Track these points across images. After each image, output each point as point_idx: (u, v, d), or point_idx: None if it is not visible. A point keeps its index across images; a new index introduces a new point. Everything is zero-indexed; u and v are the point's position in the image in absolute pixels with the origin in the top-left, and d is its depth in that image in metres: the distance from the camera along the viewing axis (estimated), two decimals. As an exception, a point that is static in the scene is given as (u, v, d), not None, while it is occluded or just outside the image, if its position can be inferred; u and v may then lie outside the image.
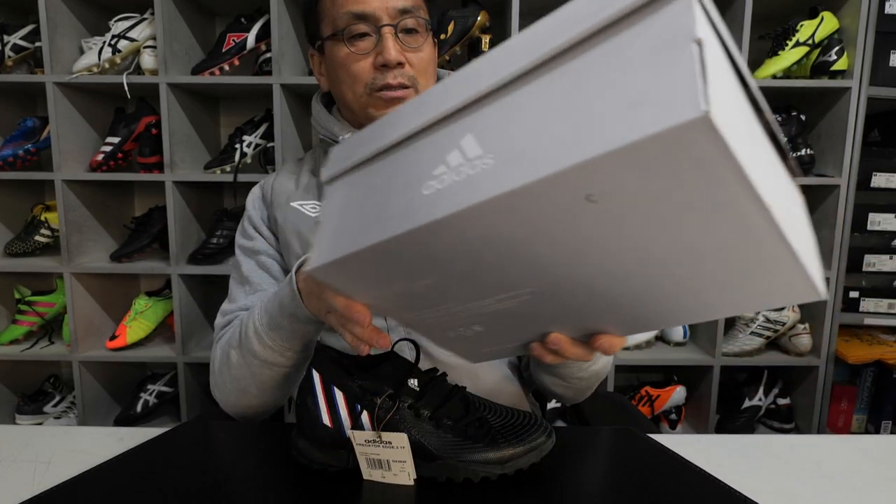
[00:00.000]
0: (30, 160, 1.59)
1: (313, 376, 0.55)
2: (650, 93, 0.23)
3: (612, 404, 0.95)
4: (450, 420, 0.53)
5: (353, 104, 0.77)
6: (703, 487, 0.53)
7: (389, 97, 0.74)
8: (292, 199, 0.82)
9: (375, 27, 0.72)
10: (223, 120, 1.83)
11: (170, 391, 1.72)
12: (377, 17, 0.72)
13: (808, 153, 1.56)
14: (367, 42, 0.73)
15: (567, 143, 0.25)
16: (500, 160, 0.28)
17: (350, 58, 0.74)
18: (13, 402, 1.76)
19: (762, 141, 0.29)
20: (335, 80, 0.78)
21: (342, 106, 0.81)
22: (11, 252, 1.65)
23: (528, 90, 0.29)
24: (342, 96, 0.78)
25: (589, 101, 0.25)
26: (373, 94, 0.74)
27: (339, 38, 0.74)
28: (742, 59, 0.28)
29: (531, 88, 0.29)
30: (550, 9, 0.30)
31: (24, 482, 0.56)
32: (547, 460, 0.54)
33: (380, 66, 0.73)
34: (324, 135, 0.83)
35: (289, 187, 0.84)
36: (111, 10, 1.62)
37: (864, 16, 1.48)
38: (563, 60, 0.28)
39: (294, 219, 0.80)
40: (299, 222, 0.79)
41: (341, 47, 0.74)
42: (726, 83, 0.24)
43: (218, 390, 0.74)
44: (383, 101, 0.75)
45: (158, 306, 1.68)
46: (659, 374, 1.86)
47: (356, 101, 0.76)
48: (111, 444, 0.62)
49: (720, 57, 0.25)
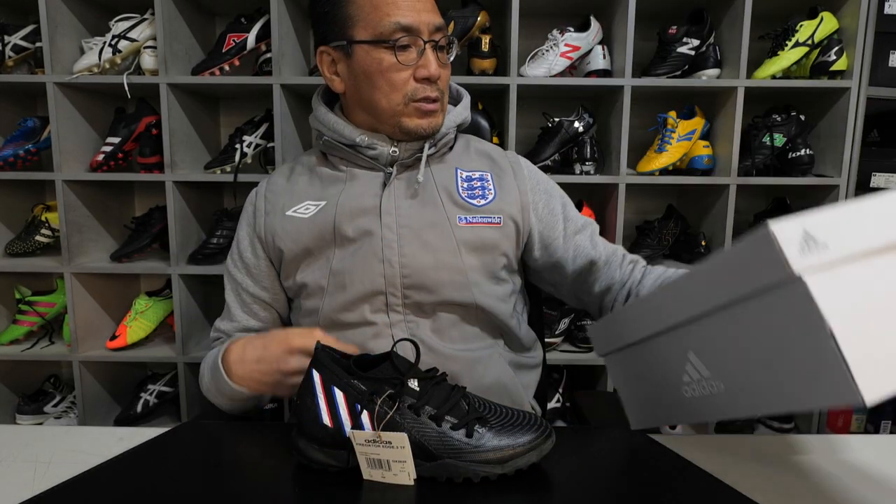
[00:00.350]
0: (30, 160, 1.59)
1: (313, 376, 0.55)
2: (819, 375, 0.39)
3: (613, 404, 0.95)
4: (450, 420, 0.53)
5: (386, 112, 0.78)
6: (703, 487, 0.53)
7: (426, 109, 0.78)
8: (287, 208, 0.83)
9: (419, 41, 0.75)
10: (223, 120, 1.83)
11: (170, 391, 1.72)
12: (421, 31, 0.75)
13: (808, 153, 1.57)
14: (411, 54, 0.76)
15: (776, 394, 0.44)
16: (729, 390, 0.48)
17: (394, 67, 0.75)
18: (13, 402, 1.76)
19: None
20: (366, 85, 0.78)
21: (366, 110, 0.81)
22: (12, 252, 1.66)
23: (715, 322, 0.47)
24: (373, 102, 0.78)
25: (767, 350, 0.43)
26: (409, 105, 0.77)
27: (384, 46, 0.75)
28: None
29: (717, 321, 0.47)
30: (550, 9, 0.31)
31: (24, 482, 0.56)
32: (547, 460, 0.54)
33: (421, 78, 0.76)
34: (329, 136, 0.82)
35: (283, 197, 0.84)
36: (111, 11, 1.62)
37: (864, 16, 1.48)
38: (730, 307, 0.45)
39: (290, 227, 0.81)
40: (294, 229, 0.81)
41: (385, 55, 0.75)
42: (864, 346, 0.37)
43: (206, 395, 0.82)
44: (419, 113, 0.78)
45: (158, 306, 1.68)
46: (659, 374, 1.86)
47: (390, 109, 0.78)
48: (111, 444, 0.62)
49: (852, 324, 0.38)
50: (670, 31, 1.53)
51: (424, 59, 0.76)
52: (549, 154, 1.58)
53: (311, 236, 0.79)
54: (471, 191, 0.82)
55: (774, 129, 1.57)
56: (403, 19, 0.74)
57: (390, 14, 0.74)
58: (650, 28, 1.63)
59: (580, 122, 1.59)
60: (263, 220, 0.84)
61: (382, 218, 0.78)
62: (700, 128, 1.59)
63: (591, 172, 1.57)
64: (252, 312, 0.87)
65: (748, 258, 0.41)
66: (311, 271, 0.80)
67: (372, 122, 0.81)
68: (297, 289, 0.83)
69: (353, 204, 0.79)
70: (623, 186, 1.52)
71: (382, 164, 0.82)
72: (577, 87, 1.54)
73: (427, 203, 0.80)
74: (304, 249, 0.80)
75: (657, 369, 0.58)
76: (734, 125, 1.51)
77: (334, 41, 0.78)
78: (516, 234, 0.82)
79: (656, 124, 1.60)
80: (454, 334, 0.79)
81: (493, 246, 0.80)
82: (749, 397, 0.47)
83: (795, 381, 0.41)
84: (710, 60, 1.55)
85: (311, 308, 0.81)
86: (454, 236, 0.78)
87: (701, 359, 0.51)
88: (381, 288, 0.77)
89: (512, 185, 0.84)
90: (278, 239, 0.81)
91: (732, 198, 1.53)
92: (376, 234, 0.77)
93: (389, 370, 0.54)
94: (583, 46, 1.54)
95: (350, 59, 0.78)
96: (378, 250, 0.77)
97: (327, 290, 0.79)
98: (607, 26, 1.58)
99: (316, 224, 0.79)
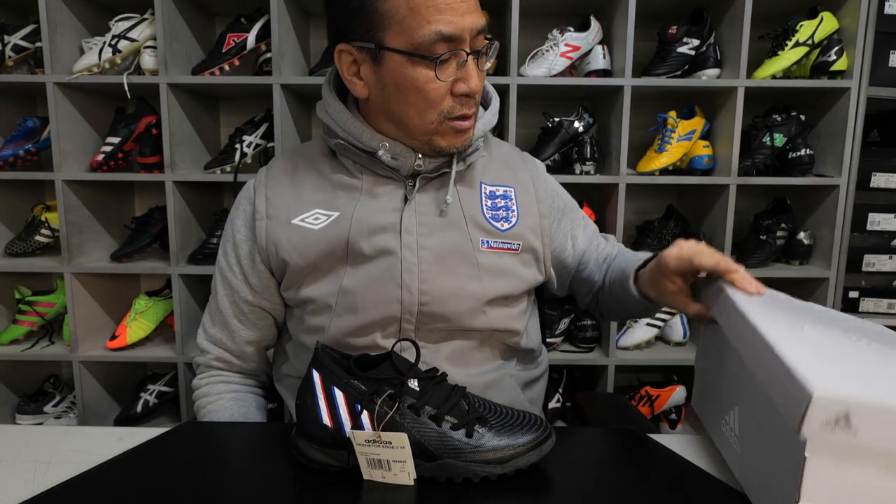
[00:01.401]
0: (30, 160, 1.59)
1: (313, 376, 0.55)
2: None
3: (612, 404, 0.95)
4: (450, 420, 0.53)
5: (417, 129, 0.71)
6: (703, 487, 0.53)
7: (461, 128, 0.71)
8: (293, 215, 0.75)
9: (461, 52, 0.67)
10: (223, 120, 1.83)
11: (170, 391, 1.72)
12: (463, 39, 0.66)
13: (808, 153, 1.56)
14: (451, 67, 0.67)
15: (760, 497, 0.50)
16: (742, 458, 0.54)
17: (431, 82, 0.67)
18: (13, 402, 1.76)
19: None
20: (396, 97, 0.70)
21: (393, 122, 0.73)
22: (12, 252, 1.65)
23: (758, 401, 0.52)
24: (404, 117, 0.71)
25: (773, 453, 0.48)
26: (444, 123, 0.70)
27: (422, 60, 0.66)
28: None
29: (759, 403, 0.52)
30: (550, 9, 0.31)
31: (24, 482, 0.56)
32: (547, 460, 0.54)
33: (460, 94, 0.69)
34: (344, 138, 0.75)
35: (286, 198, 0.77)
36: (111, 11, 1.62)
37: (864, 16, 1.48)
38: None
39: (296, 238, 0.74)
40: (301, 241, 0.74)
41: (421, 70, 0.67)
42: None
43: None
44: (454, 132, 0.71)
45: (158, 306, 1.68)
46: (659, 374, 1.86)
47: (422, 127, 0.71)
48: (111, 444, 0.62)
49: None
50: (670, 31, 1.53)
51: (465, 72, 0.68)
52: (549, 154, 1.58)
53: (320, 250, 0.73)
54: (495, 211, 0.77)
55: (774, 129, 1.57)
56: (445, 28, 0.64)
57: (430, 21, 0.64)
58: (650, 28, 1.63)
59: (580, 122, 1.59)
60: (265, 225, 0.76)
61: (403, 237, 0.72)
62: (700, 128, 1.59)
63: (591, 172, 1.57)
64: (249, 322, 0.81)
65: (787, 391, 0.44)
66: (318, 286, 0.74)
67: (396, 133, 0.74)
68: (301, 302, 0.77)
69: (371, 219, 0.72)
70: (623, 186, 1.52)
71: (404, 175, 0.75)
72: (577, 87, 1.54)
73: (451, 223, 0.74)
74: (312, 263, 0.73)
75: (725, 379, 0.61)
76: (734, 125, 1.51)
77: (359, 41, 0.69)
78: (535, 261, 0.80)
79: (656, 124, 1.60)
80: (467, 359, 0.76)
81: (512, 272, 0.77)
82: (747, 479, 0.52)
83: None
84: (710, 60, 1.55)
85: (316, 326, 0.75)
86: (476, 261, 0.74)
87: (739, 417, 0.55)
88: (397, 314, 0.72)
89: (532, 205, 0.80)
90: (282, 250, 0.74)
91: (732, 198, 1.53)
92: (395, 254, 0.72)
93: (389, 370, 0.54)
94: (583, 46, 1.54)
95: (378, 65, 0.69)
96: (396, 274, 0.71)
97: (335, 310, 0.73)
98: (607, 26, 1.58)
99: (327, 237, 0.72)
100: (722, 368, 0.61)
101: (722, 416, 0.59)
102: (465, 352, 0.76)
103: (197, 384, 0.85)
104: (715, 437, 0.62)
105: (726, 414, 0.58)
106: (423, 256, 0.72)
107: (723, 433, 0.59)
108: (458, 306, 0.73)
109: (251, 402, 0.83)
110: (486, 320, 0.75)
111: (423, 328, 0.74)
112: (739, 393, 0.55)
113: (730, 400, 0.58)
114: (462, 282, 0.73)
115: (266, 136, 1.62)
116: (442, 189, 0.76)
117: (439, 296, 0.72)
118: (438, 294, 0.72)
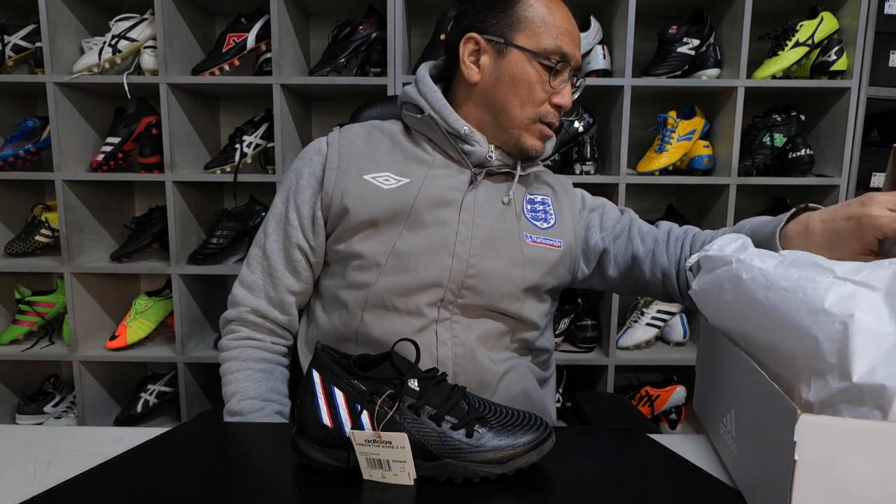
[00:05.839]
0: (30, 160, 1.59)
1: (313, 376, 0.55)
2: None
3: (612, 404, 0.95)
4: (450, 420, 0.53)
5: (514, 120, 0.80)
6: (703, 487, 0.53)
7: (547, 134, 0.82)
8: (364, 171, 0.79)
9: (568, 68, 0.79)
10: (223, 120, 1.83)
11: (170, 391, 1.72)
12: (574, 62, 0.79)
13: (808, 153, 1.56)
14: (558, 79, 0.79)
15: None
16: (738, 458, 0.54)
17: (541, 83, 0.78)
18: (13, 402, 1.76)
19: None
20: (507, 87, 0.79)
21: (490, 110, 0.81)
22: (12, 252, 1.66)
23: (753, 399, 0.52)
24: (505, 106, 0.80)
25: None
26: (536, 123, 0.80)
27: (543, 63, 0.77)
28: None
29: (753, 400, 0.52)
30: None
31: (24, 482, 0.56)
32: (547, 460, 0.54)
33: (556, 104, 0.80)
34: (430, 114, 0.80)
35: (360, 157, 0.81)
36: (111, 11, 1.62)
37: (864, 16, 1.48)
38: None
39: (364, 192, 0.78)
40: (369, 195, 0.78)
41: (539, 70, 0.78)
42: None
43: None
44: (540, 134, 0.81)
45: (158, 306, 1.68)
46: (659, 374, 1.86)
47: (518, 119, 0.80)
48: (111, 444, 0.62)
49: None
50: (670, 31, 1.53)
51: (565, 88, 0.79)
52: (549, 154, 1.57)
53: (384, 208, 0.77)
54: (534, 213, 0.85)
55: (774, 129, 1.57)
56: (566, 47, 0.78)
57: (558, 38, 0.77)
58: (650, 28, 1.63)
59: (580, 122, 1.59)
60: (335, 174, 0.80)
61: (462, 214, 0.78)
62: (700, 128, 1.59)
63: (591, 172, 1.57)
64: (295, 271, 0.82)
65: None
66: (370, 243, 0.77)
67: (482, 121, 0.82)
68: (348, 257, 0.79)
69: (438, 192, 0.78)
70: (623, 186, 1.52)
71: (472, 162, 0.81)
72: (577, 87, 1.54)
73: (505, 213, 0.81)
74: (372, 219, 0.77)
75: (723, 382, 0.61)
76: (734, 125, 1.51)
77: (491, 34, 0.79)
78: (570, 261, 0.85)
79: (656, 124, 1.60)
80: (493, 344, 0.80)
81: (551, 268, 0.82)
82: (743, 481, 0.53)
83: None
84: (710, 60, 1.55)
85: (361, 282, 0.77)
86: (522, 251, 0.80)
87: (736, 419, 0.55)
88: (444, 281, 0.76)
89: (567, 211, 0.87)
90: (348, 198, 0.78)
91: (732, 198, 1.53)
92: (452, 226, 0.77)
93: (389, 370, 0.54)
94: (583, 46, 1.54)
95: (501, 57, 0.79)
96: (451, 244, 0.76)
97: (384, 269, 0.76)
98: (607, 26, 1.59)
99: (394, 198, 0.77)
100: (720, 371, 0.61)
101: (720, 419, 0.59)
102: (493, 336, 0.79)
103: (226, 345, 0.83)
104: (714, 439, 0.62)
105: (724, 416, 0.58)
106: (477, 234, 0.78)
107: (721, 435, 0.59)
108: (499, 287, 0.78)
109: (278, 374, 0.84)
110: (519, 307, 0.80)
111: (462, 301, 0.77)
112: (736, 395, 0.55)
113: (727, 402, 0.58)
114: (507, 266, 0.78)
115: (266, 136, 1.62)
116: (502, 185, 0.83)
117: (485, 272, 0.77)
118: (484, 270, 0.77)
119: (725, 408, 0.58)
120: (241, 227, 1.63)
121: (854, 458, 0.41)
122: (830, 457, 0.41)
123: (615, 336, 1.61)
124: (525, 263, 0.79)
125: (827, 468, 0.42)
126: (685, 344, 1.71)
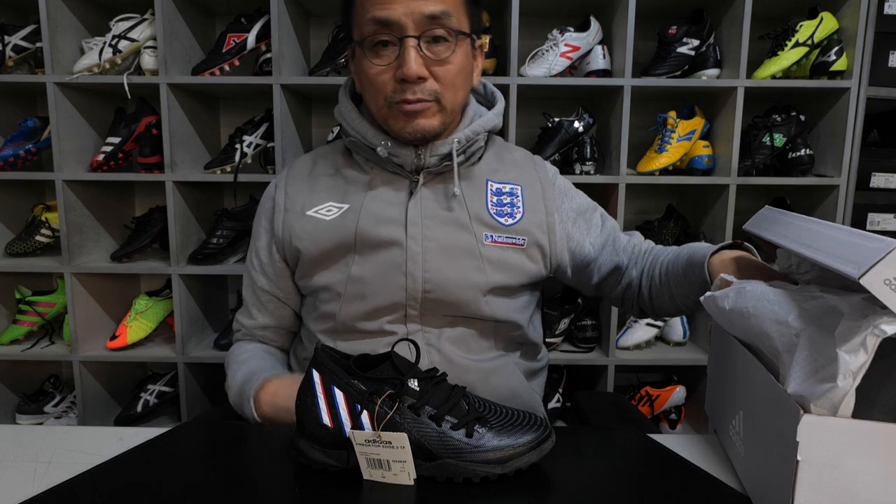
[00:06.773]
0: (30, 160, 1.59)
1: (313, 376, 0.55)
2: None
3: (612, 404, 0.95)
4: (450, 420, 0.53)
5: (376, 114, 0.77)
6: (703, 487, 0.53)
7: (408, 110, 0.73)
8: (308, 207, 0.80)
9: (398, 37, 0.70)
10: (223, 120, 1.83)
11: (170, 391, 1.72)
12: (401, 24, 0.69)
13: (808, 153, 1.56)
14: (389, 53, 0.71)
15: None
16: (746, 457, 0.54)
17: (372, 69, 0.72)
18: (13, 402, 1.76)
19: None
20: (363, 86, 0.77)
21: (369, 111, 0.80)
22: (12, 252, 1.66)
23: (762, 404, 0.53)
24: (368, 106, 0.79)
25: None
26: (392, 107, 0.73)
27: (362, 47, 0.73)
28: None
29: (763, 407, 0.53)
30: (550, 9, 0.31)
31: (24, 482, 0.56)
32: (547, 460, 0.54)
33: (399, 80, 0.71)
34: (354, 136, 0.80)
35: (303, 192, 0.82)
36: (111, 11, 1.62)
37: (864, 16, 1.48)
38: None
39: (309, 228, 0.78)
40: (314, 230, 0.78)
41: (367, 57, 0.73)
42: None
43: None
44: (402, 114, 0.73)
45: (158, 306, 1.68)
46: (659, 374, 1.86)
47: (378, 112, 0.76)
48: (111, 444, 0.62)
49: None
50: (670, 31, 1.53)
51: (402, 57, 0.70)
52: (549, 154, 1.58)
53: (330, 239, 0.77)
54: (500, 207, 0.80)
55: (774, 129, 1.57)
56: (379, 13, 0.69)
57: (368, 10, 0.70)
58: (650, 28, 1.63)
59: (580, 122, 1.59)
60: (282, 217, 0.81)
61: (408, 229, 0.76)
62: (700, 128, 1.59)
63: (591, 172, 1.57)
64: (267, 311, 0.86)
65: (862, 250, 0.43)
66: (328, 274, 0.78)
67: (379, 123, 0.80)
68: (314, 290, 0.81)
69: (378, 211, 0.76)
70: (623, 186, 1.52)
71: (408, 171, 0.79)
72: (577, 87, 1.54)
73: (455, 219, 0.77)
74: (323, 252, 0.77)
75: (732, 383, 0.61)
76: (734, 125, 1.51)
77: (352, 39, 0.77)
78: (542, 257, 0.82)
79: (656, 124, 1.60)
80: (471, 345, 0.78)
81: (516, 266, 0.79)
82: (750, 482, 0.53)
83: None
84: (710, 60, 1.55)
85: (327, 312, 0.79)
86: (480, 254, 0.76)
87: (744, 420, 0.55)
88: (402, 301, 0.75)
89: (539, 204, 0.82)
90: (296, 239, 0.79)
91: (732, 198, 1.53)
92: (401, 245, 0.75)
93: (389, 370, 0.54)
94: (583, 46, 1.54)
95: (356, 59, 0.77)
96: (401, 263, 0.75)
97: (344, 297, 0.77)
98: (607, 26, 1.58)
99: (337, 228, 0.77)
100: (729, 372, 0.61)
101: (730, 420, 0.60)
102: (468, 338, 0.78)
103: (229, 350, 0.89)
104: (723, 440, 0.62)
105: (733, 417, 0.58)
106: (428, 247, 0.76)
107: (730, 437, 0.59)
108: (461, 294, 0.76)
109: (280, 357, 0.89)
110: (489, 309, 0.77)
111: (427, 314, 0.77)
112: (745, 396, 0.55)
113: (736, 404, 0.58)
114: (465, 272, 0.76)
115: (266, 136, 1.62)
116: (447, 184, 0.79)
117: (443, 284, 0.75)
118: (442, 283, 0.75)
119: (734, 409, 0.58)
120: (241, 227, 1.63)
121: (857, 458, 0.41)
122: (833, 457, 0.42)
123: (615, 336, 1.61)
124: (485, 265, 0.76)
125: (830, 468, 0.42)
126: (685, 344, 1.71)
